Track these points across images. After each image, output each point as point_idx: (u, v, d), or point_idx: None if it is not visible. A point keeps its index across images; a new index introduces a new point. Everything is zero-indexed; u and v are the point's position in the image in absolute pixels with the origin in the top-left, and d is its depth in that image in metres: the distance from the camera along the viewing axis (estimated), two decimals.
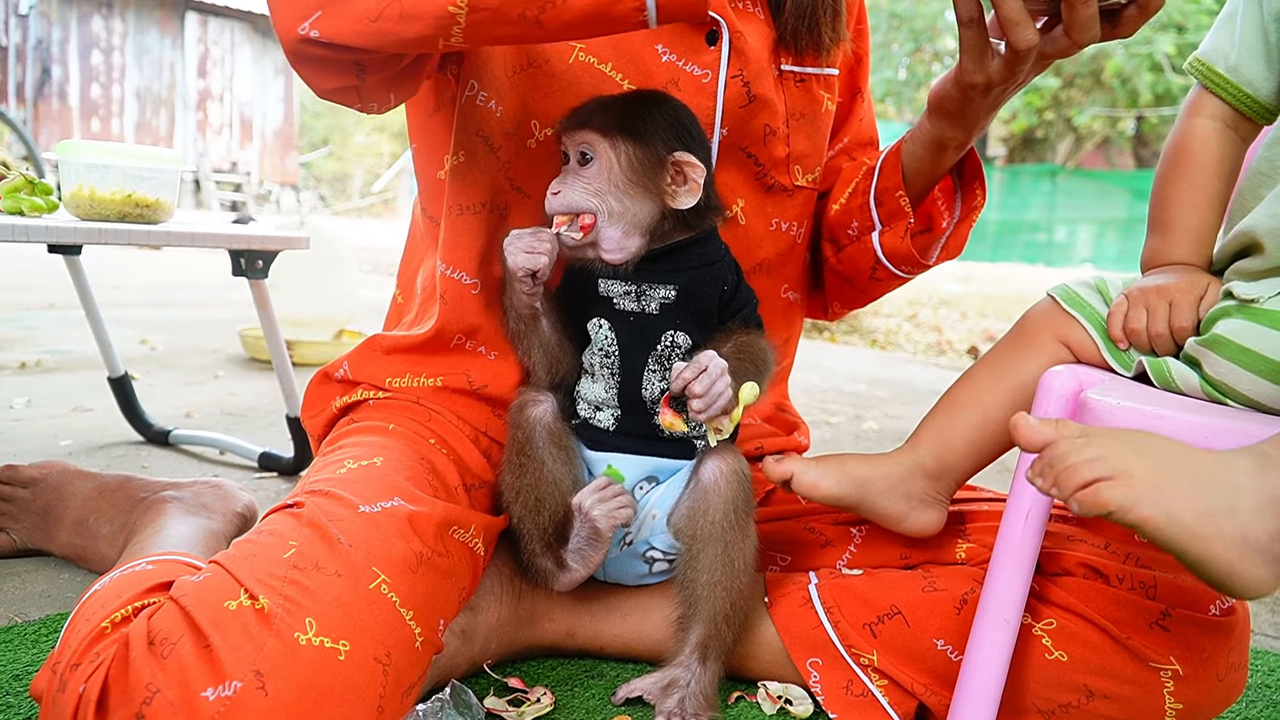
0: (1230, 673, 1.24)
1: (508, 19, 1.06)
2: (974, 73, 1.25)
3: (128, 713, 0.90)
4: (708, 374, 1.17)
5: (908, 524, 1.32)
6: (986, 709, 1.17)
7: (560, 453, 1.29)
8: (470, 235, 1.39)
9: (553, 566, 1.30)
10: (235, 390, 3.29)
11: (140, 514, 1.57)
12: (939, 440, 1.32)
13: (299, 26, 1.10)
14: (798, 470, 1.30)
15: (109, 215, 1.76)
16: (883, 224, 1.49)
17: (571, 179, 1.26)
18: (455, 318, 1.42)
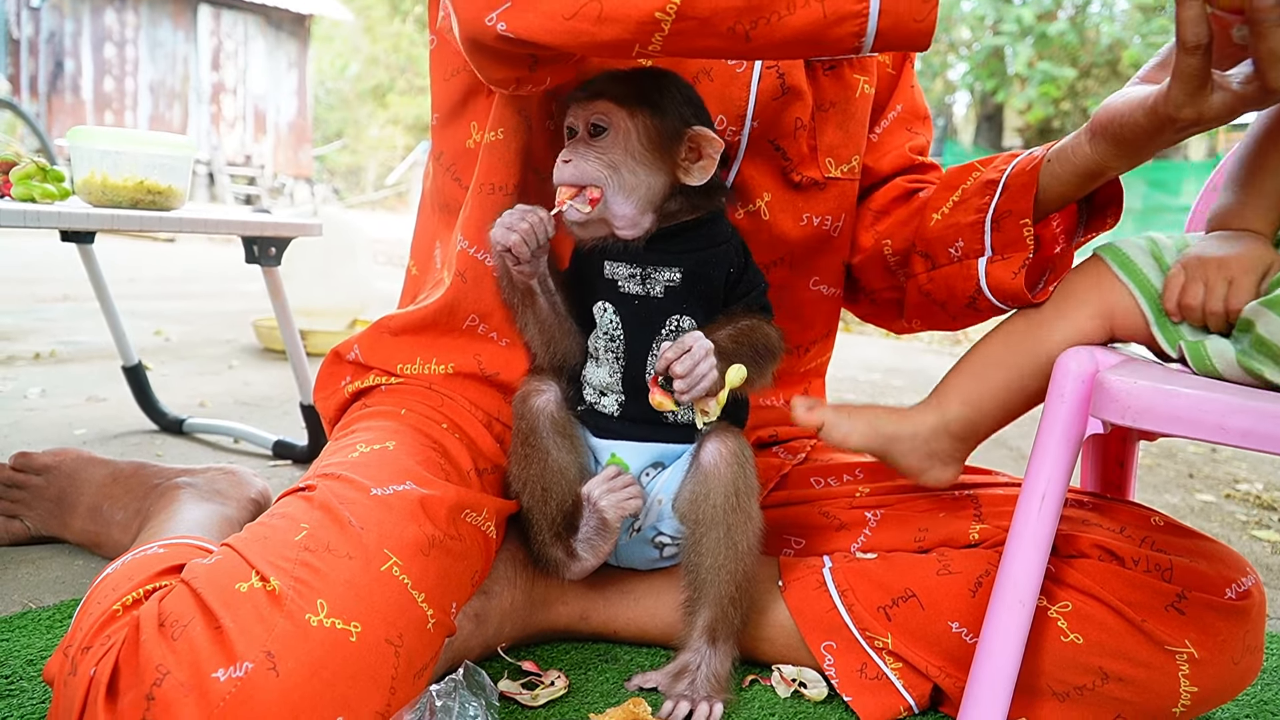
0: (1245, 656, 1.23)
1: (715, 31, 1.02)
2: (1184, 106, 1.07)
3: (138, 694, 0.90)
4: (690, 354, 1.16)
5: (924, 479, 1.32)
6: (1001, 691, 1.16)
7: (565, 441, 1.29)
8: (497, 216, 1.37)
9: (563, 556, 1.30)
10: (249, 380, 3.30)
11: (154, 500, 1.57)
12: (967, 401, 1.29)
13: (485, 17, 1.06)
14: (830, 421, 1.30)
15: (121, 202, 1.77)
16: (994, 251, 1.33)
17: (583, 149, 1.23)
18: (472, 296, 1.41)
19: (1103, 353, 1.17)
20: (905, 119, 1.58)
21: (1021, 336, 1.27)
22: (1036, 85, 15.27)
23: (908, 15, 1.00)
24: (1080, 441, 1.15)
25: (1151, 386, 1.04)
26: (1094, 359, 1.14)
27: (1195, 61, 1.04)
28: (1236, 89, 1.06)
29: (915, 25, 1.01)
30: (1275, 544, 2.31)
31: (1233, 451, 3.38)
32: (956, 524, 1.37)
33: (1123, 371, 1.09)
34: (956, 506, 1.39)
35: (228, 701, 0.89)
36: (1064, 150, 1.25)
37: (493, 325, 1.42)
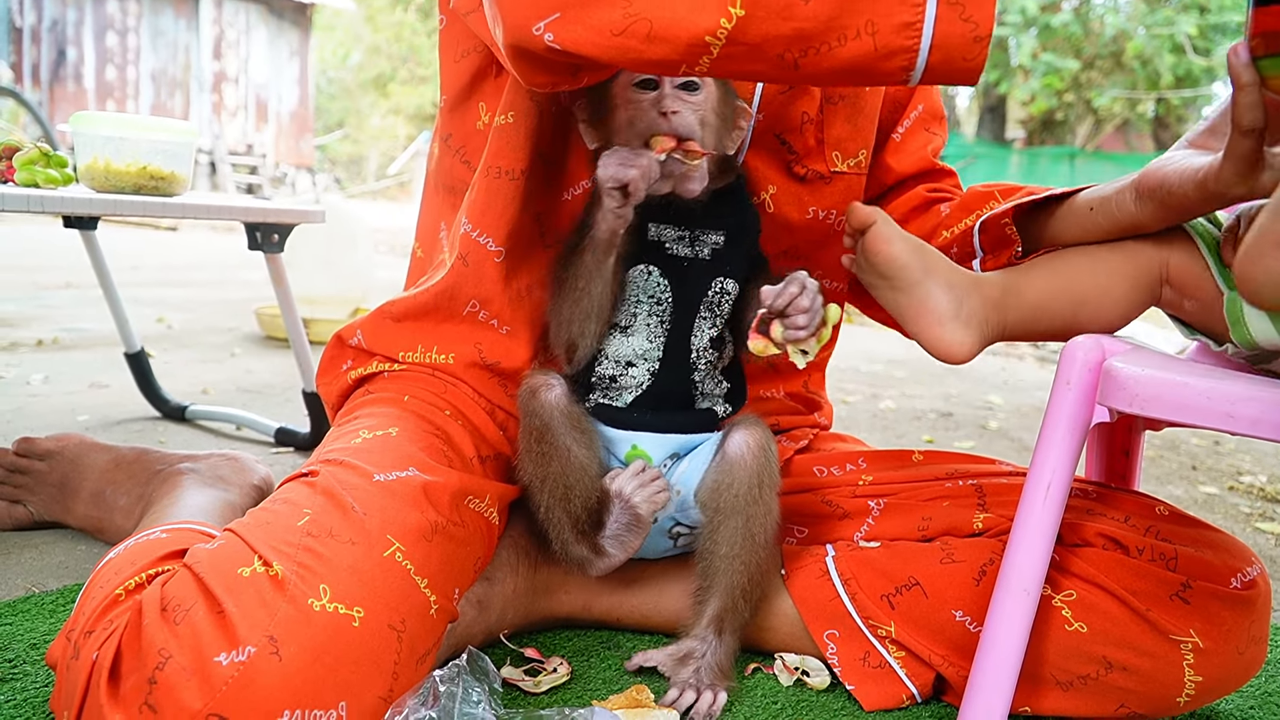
0: (1250, 646, 1.23)
1: (764, 57, 1.02)
2: (1235, 185, 1.08)
3: (140, 678, 0.90)
4: (809, 291, 1.16)
5: (945, 330, 1.20)
6: (1005, 680, 1.16)
7: (582, 436, 1.27)
8: (503, 201, 1.36)
9: (589, 553, 1.28)
10: (252, 368, 3.30)
11: (156, 486, 1.57)
12: (1010, 282, 1.25)
13: (533, 26, 1.04)
14: (880, 221, 1.22)
15: (124, 188, 1.76)
16: (985, 251, 1.37)
17: (680, 103, 1.21)
18: (473, 281, 1.40)
19: (1110, 341, 1.17)
20: (925, 119, 1.58)
21: (1075, 256, 1.26)
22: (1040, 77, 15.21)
23: (958, 53, 1.00)
24: (1086, 430, 1.14)
25: (1159, 375, 1.04)
26: (1101, 347, 1.14)
27: (1250, 144, 1.05)
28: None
29: (964, 64, 1.00)
30: (1279, 536, 2.31)
31: (1236, 444, 3.38)
32: (960, 513, 1.36)
33: (1130, 359, 1.09)
34: (960, 495, 1.39)
35: (230, 685, 0.89)
36: (1107, 202, 1.24)
37: (493, 311, 1.41)
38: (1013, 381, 4.44)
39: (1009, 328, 1.24)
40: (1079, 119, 18.43)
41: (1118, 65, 15.86)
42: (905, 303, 1.22)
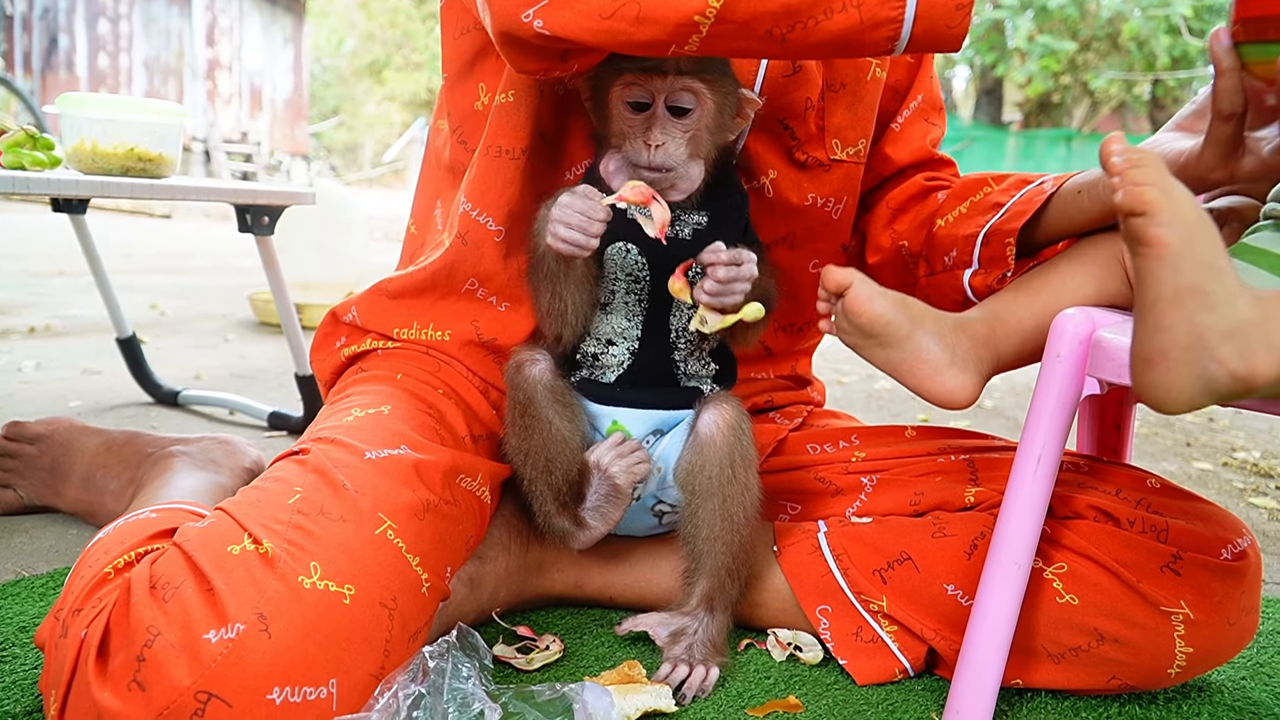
0: (1241, 617, 1.23)
1: (752, 34, 1.03)
2: (1215, 169, 1.11)
3: (129, 656, 0.90)
4: (739, 269, 1.17)
5: (944, 378, 1.17)
6: (997, 653, 1.16)
7: (565, 410, 1.27)
8: (503, 180, 1.35)
9: (570, 526, 1.29)
10: (245, 353, 3.29)
11: (147, 469, 1.57)
12: (992, 312, 1.24)
13: (522, 13, 1.04)
14: (856, 282, 1.19)
15: (111, 169, 1.75)
16: (980, 265, 1.36)
17: (672, 129, 1.21)
18: (472, 260, 1.39)
19: (1100, 313, 1.16)
20: (924, 110, 1.57)
21: (1048, 273, 1.26)
22: (1036, 59, 15.18)
23: (941, 22, 1.02)
24: (1077, 402, 1.14)
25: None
26: (1091, 320, 1.13)
27: (1229, 129, 1.08)
28: (1266, 155, 1.10)
29: (948, 31, 1.02)
30: (1272, 511, 2.31)
31: (1230, 420, 3.38)
32: (952, 487, 1.36)
33: (1120, 331, 1.09)
34: (952, 470, 1.39)
35: (219, 662, 0.89)
36: (1094, 186, 1.24)
37: (492, 290, 1.40)
38: None
39: (1002, 360, 1.24)
40: (1075, 101, 18.40)
41: (1114, 47, 15.82)
42: (898, 358, 1.19)
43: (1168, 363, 0.85)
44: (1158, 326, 0.85)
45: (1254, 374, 0.84)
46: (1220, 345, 0.83)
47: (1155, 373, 0.86)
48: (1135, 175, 0.83)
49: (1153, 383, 0.86)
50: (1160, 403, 0.87)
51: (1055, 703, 1.27)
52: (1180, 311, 0.83)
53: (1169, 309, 0.84)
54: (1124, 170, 0.84)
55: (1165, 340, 0.84)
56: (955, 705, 1.18)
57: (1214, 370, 0.84)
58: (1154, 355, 0.85)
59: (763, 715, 1.18)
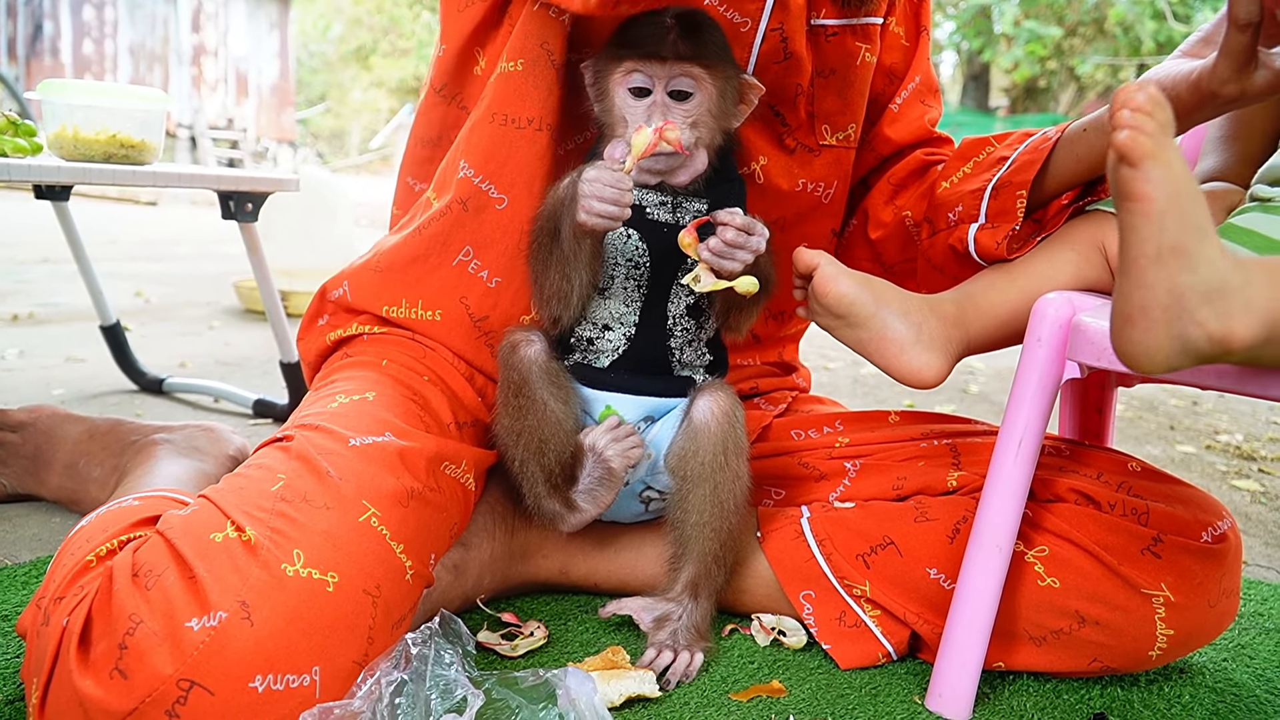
0: (1222, 599, 1.23)
1: None
2: (1228, 82, 1.09)
3: (110, 644, 0.90)
4: (749, 238, 1.17)
5: (909, 356, 1.20)
6: (979, 636, 1.17)
7: (559, 392, 1.26)
8: (508, 149, 1.34)
9: (560, 508, 1.28)
10: (230, 340, 3.28)
11: (131, 456, 1.56)
12: (964, 295, 1.26)
13: None
14: (823, 263, 1.22)
15: (94, 156, 1.74)
16: (987, 218, 1.33)
17: (674, 113, 1.21)
18: (470, 227, 1.37)
19: (1080, 297, 1.17)
20: (921, 92, 1.56)
21: (1023, 262, 1.28)
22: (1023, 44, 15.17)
23: None
24: (1057, 386, 1.14)
25: None
26: (1071, 304, 1.14)
27: (1245, 39, 1.06)
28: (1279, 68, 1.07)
29: None
30: (1255, 493, 2.33)
31: (1214, 404, 3.40)
32: (935, 472, 1.36)
33: (1099, 315, 1.09)
34: (935, 454, 1.39)
35: (201, 650, 0.89)
36: (1101, 122, 1.24)
37: (485, 261, 1.39)
38: None
39: (973, 342, 1.25)
40: (1062, 86, 18.40)
41: (1100, 32, 15.82)
42: (865, 337, 1.22)
43: (1147, 321, 0.85)
44: (1139, 283, 0.84)
45: (1231, 336, 0.84)
46: (1200, 307, 0.83)
47: (1134, 330, 0.86)
48: (1136, 121, 0.82)
49: (1131, 340, 0.86)
50: (1138, 361, 0.87)
51: (1037, 685, 1.27)
52: (1162, 270, 0.83)
53: (1151, 266, 0.83)
54: (1127, 118, 0.82)
55: (1145, 298, 0.84)
56: (938, 688, 1.19)
57: (1192, 331, 0.84)
58: (1134, 313, 0.85)
59: (746, 700, 1.18)
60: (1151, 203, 0.81)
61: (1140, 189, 0.81)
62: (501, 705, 1.03)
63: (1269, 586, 1.70)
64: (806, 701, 1.19)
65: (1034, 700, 1.24)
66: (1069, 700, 1.24)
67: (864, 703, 1.20)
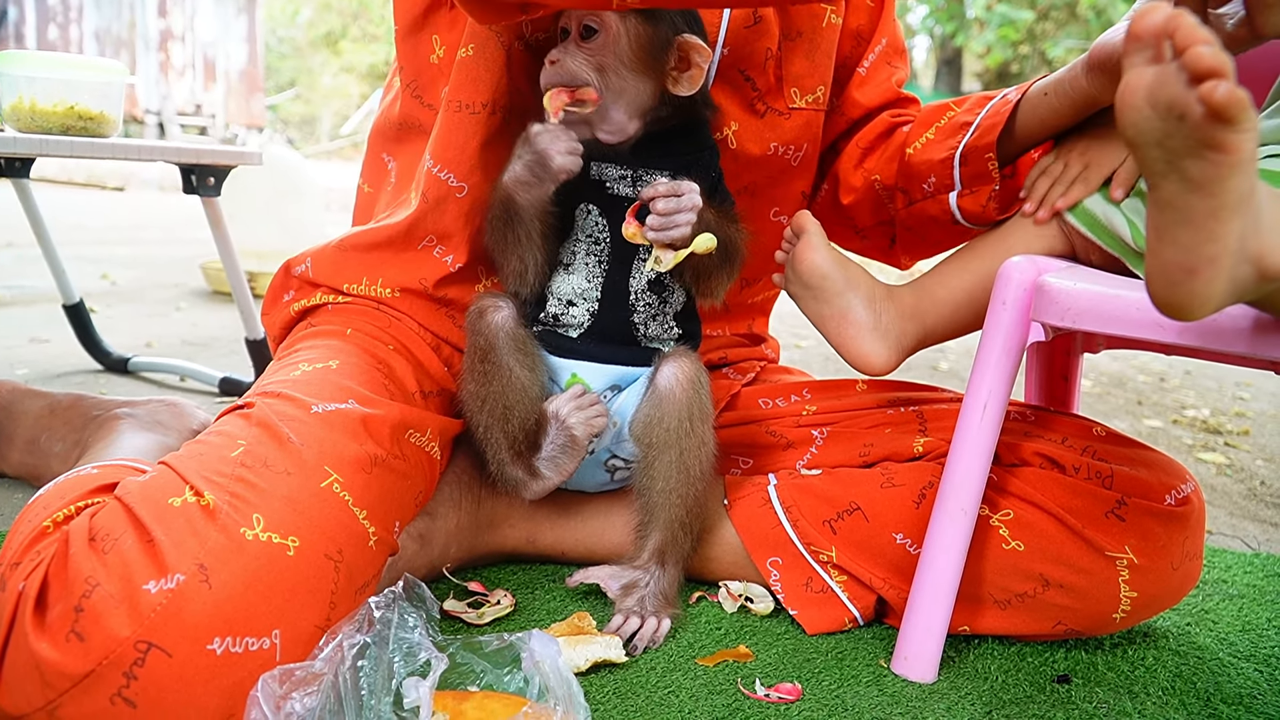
0: (1185, 562, 1.24)
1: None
2: None
3: (67, 606, 0.89)
4: (679, 199, 1.16)
5: (863, 342, 1.24)
6: (943, 599, 1.17)
7: (525, 359, 1.26)
8: (465, 136, 1.33)
9: (524, 475, 1.28)
10: (197, 321, 3.25)
11: (93, 431, 1.54)
12: (922, 286, 1.29)
13: None
14: (811, 231, 1.27)
15: (51, 128, 1.71)
16: (964, 185, 1.36)
17: (572, 49, 1.20)
18: (433, 219, 1.37)
19: (1045, 260, 1.17)
20: (888, 54, 1.55)
21: (980, 246, 1.30)
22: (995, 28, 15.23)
23: None
24: (1022, 349, 1.15)
25: (1091, 289, 1.05)
26: (1036, 266, 1.14)
27: (1193, 3, 1.09)
28: (1229, 30, 1.10)
29: None
30: (1220, 466, 2.35)
31: (1181, 379, 3.43)
32: (901, 438, 1.37)
33: (1064, 275, 1.09)
34: (901, 421, 1.40)
35: (159, 612, 0.88)
36: (1061, 83, 1.26)
37: (450, 248, 1.38)
38: None
39: (929, 333, 1.29)
40: (1034, 71, 18.47)
41: (1072, 16, 15.90)
42: (827, 313, 1.26)
43: (1213, 270, 0.82)
44: (1211, 235, 0.80)
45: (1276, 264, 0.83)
46: (1252, 242, 0.82)
47: (1198, 282, 0.82)
48: (1225, 77, 0.75)
49: (1192, 292, 0.83)
50: (1188, 311, 0.85)
51: (1002, 648, 1.28)
52: (1237, 218, 0.80)
53: (1230, 216, 0.80)
54: (1208, 65, 0.75)
55: (1217, 249, 0.81)
56: (903, 651, 1.20)
57: (1244, 271, 0.83)
58: (1200, 264, 0.82)
59: (713, 664, 1.18)
60: (1242, 153, 0.77)
61: (1234, 141, 0.76)
62: (465, 669, 1.03)
63: (1233, 555, 1.72)
64: (773, 666, 1.19)
65: (999, 663, 1.24)
66: (1033, 663, 1.25)
67: (830, 667, 1.20)
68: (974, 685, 1.19)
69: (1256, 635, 1.39)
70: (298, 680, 0.90)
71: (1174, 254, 0.83)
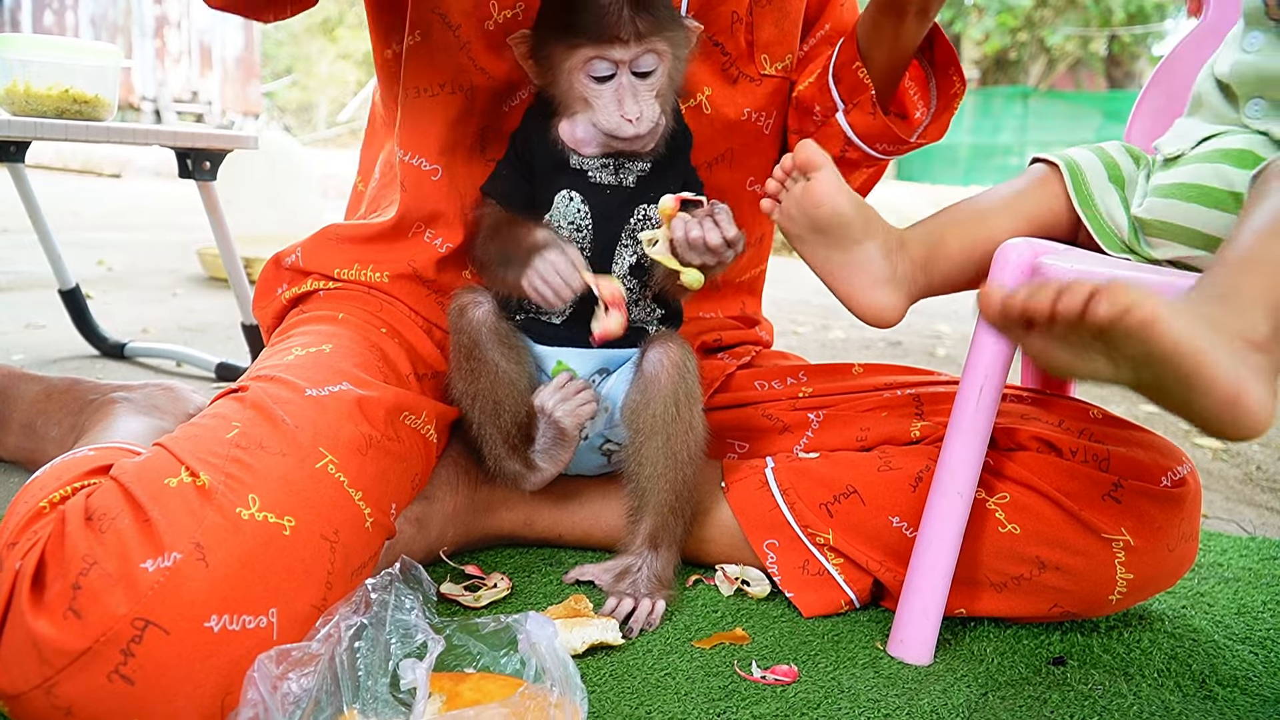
0: (1181, 543, 1.24)
1: None
2: None
3: (64, 585, 0.89)
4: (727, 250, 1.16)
5: (880, 293, 1.18)
6: (939, 582, 1.18)
7: (510, 352, 1.26)
8: (428, 118, 1.35)
9: (521, 468, 1.28)
10: (193, 307, 3.25)
11: (89, 415, 1.54)
12: (934, 239, 1.23)
13: None
14: (827, 168, 1.15)
15: (45, 111, 1.71)
16: (844, 102, 1.40)
17: (643, 95, 1.18)
18: (415, 205, 1.39)
19: (1041, 243, 1.17)
20: (830, 37, 1.54)
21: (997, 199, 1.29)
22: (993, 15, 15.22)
23: None
24: None
25: (1087, 270, 1.05)
26: (1033, 248, 1.14)
27: None
28: None
29: None
30: (1216, 451, 2.35)
31: None
32: (898, 422, 1.37)
33: (1060, 257, 1.09)
34: (898, 405, 1.40)
35: (156, 590, 0.88)
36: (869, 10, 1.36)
37: (439, 229, 1.40)
38: (962, 311, 4.47)
39: (933, 287, 1.25)
40: (1032, 58, 18.45)
41: (1070, 3, 15.88)
42: (840, 261, 1.17)
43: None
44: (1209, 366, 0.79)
45: None
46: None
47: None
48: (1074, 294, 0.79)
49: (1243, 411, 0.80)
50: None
51: (997, 631, 1.28)
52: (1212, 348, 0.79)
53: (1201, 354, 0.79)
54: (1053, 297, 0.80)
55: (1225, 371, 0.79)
56: (899, 634, 1.20)
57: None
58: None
59: (709, 647, 1.19)
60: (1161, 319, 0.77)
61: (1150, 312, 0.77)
62: (462, 651, 1.03)
63: (1228, 539, 1.72)
64: (769, 648, 1.20)
65: (994, 645, 1.25)
66: (1029, 645, 1.25)
67: (826, 649, 1.21)
68: (969, 667, 1.19)
69: (1252, 618, 1.39)
70: (294, 660, 0.90)
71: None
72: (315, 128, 26.26)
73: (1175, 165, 1.19)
